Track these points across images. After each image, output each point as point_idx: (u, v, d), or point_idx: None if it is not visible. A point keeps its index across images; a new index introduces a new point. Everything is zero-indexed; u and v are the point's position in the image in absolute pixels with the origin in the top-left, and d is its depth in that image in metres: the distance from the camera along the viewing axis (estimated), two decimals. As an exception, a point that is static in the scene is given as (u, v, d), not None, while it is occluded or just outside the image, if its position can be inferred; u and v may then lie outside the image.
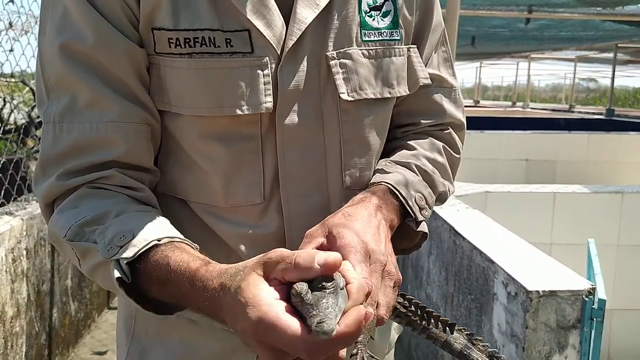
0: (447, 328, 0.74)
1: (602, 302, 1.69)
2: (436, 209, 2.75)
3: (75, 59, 0.74)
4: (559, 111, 13.65)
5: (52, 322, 3.01)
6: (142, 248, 0.67)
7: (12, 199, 2.92)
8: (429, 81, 0.90)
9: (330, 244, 0.70)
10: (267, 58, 0.77)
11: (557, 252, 3.31)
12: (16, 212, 2.77)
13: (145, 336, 0.88)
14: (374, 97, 0.83)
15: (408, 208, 0.81)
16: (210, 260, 0.67)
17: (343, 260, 0.63)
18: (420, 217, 0.82)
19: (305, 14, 0.78)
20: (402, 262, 3.45)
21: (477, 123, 9.00)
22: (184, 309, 0.71)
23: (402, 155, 0.89)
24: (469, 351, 0.74)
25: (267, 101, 0.77)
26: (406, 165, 0.87)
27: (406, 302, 0.76)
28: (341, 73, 0.80)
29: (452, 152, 0.96)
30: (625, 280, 3.42)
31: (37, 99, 0.80)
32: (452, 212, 2.69)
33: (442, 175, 0.92)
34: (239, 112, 0.76)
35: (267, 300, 0.56)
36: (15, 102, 6.92)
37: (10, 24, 2.65)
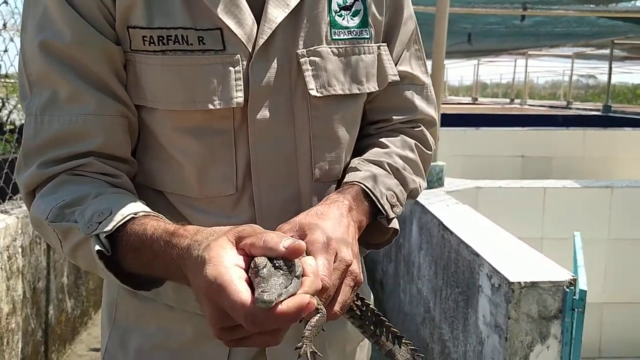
0: (395, 340, 0.78)
1: (582, 293, 1.73)
2: (426, 204, 2.79)
3: (55, 56, 0.78)
4: (557, 108, 13.68)
5: (49, 319, 3.04)
6: (120, 221, 0.71)
7: (8, 197, 2.96)
8: (397, 78, 0.93)
9: (300, 239, 0.73)
10: (238, 55, 0.80)
11: (548, 246, 3.35)
12: (12, 210, 2.80)
13: (126, 322, 0.91)
14: (342, 93, 0.86)
15: (380, 206, 0.84)
16: (186, 223, 0.71)
17: (309, 255, 0.67)
18: (391, 214, 0.86)
19: (276, 14, 0.81)
20: (395, 257, 3.48)
21: (473, 120, 9.03)
22: (157, 281, 0.75)
23: (374, 153, 0.92)
24: None
25: (238, 96, 0.80)
26: (378, 164, 0.90)
27: (363, 306, 0.79)
28: (310, 70, 0.83)
29: (423, 148, 0.99)
30: (615, 274, 3.46)
31: (19, 93, 0.83)
32: (442, 207, 2.72)
33: (414, 171, 0.95)
34: (211, 106, 0.79)
35: (226, 263, 0.60)
36: (12, 102, 6.94)
37: (5, 24, 2.68)
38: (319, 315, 0.64)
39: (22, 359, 2.71)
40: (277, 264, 0.59)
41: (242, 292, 0.58)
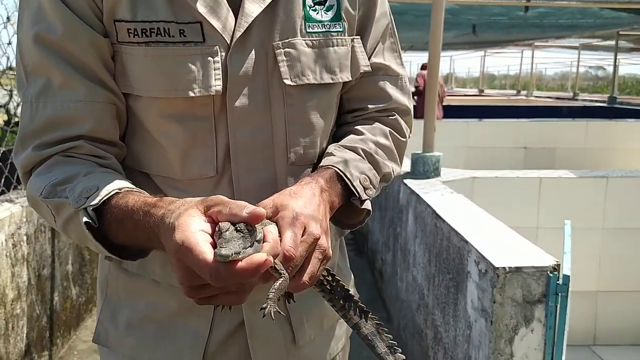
0: (362, 314, 0.83)
1: (566, 278, 1.77)
2: (422, 194, 2.84)
3: (48, 48, 0.84)
4: (563, 99, 13.64)
5: (53, 305, 3.12)
6: (105, 196, 0.78)
7: (13, 187, 3.03)
8: (369, 69, 0.99)
9: (273, 215, 0.79)
10: (217, 47, 0.86)
11: (543, 236, 3.39)
12: (16, 199, 2.87)
13: (117, 297, 0.99)
14: (315, 82, 0.92)
15: (352, 188, 0.90)
16: (163, 196, 0.78)
17: (280, 229, 0.73)
18: (364, 196, 0.92)
19: (252, 9, 0.87)
20: (392, 246, 3.53)
21: (477, 112, 9.05)
22: (141, 251, 0.82)
23: (350, 140, 0.98)
24: (373, 337, 0.83)
25: (217, 84, 0.86)
26: (353, 149, 0.95)
27: (333, 282, 0.84)
28: (285, 61, 0.89)
29: (398, 136, 1.05)
30: (610, 263, 3.49)
31: (17, 82, 0.90)
32: (437, 197, 2.77)
33: (388, 157, 1.01)
34: (191, 94, 0.85)
35: (193, 228, 0.66)
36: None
37: (8, 17, 2.74)
38: (281, 279, 0.69)
39: (27, 344, 2.79)
40: (238, 228, 0.65)
41: (206, 252, 0.64)
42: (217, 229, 0.66)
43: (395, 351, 0.82)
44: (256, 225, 0.67)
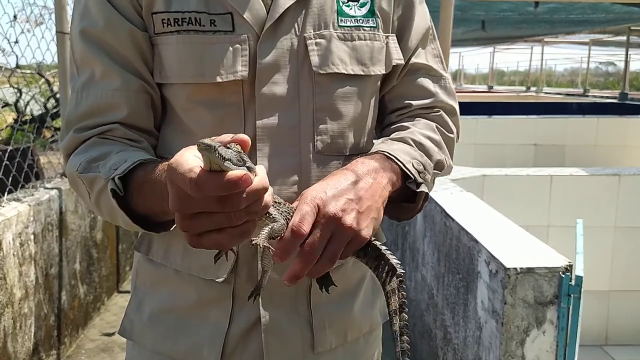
0: (390, 272, 0.82)
1: (579, 279, 1.74)
2: (431, 192, 2.80)
3: (91, 41, 0.92)
4: (573, 95, 13.54)
5: (61, 304, 3.12)
6: (130, 165, 0.82)
7: (20, 186, 3.03)
8: (402, 62, 1.00)
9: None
10: (245, 35, 0.90)
11: (555, 234, 3.35)
12: (24, 198, 2.87)
13: (144, 287, 1.02)
14: (345, 72, 0.94)
15: (407, 170, 0.89)
16: None
17: (297, 208, 0.76)
18: (419, 179, 0.90)
19: (284, 1, 0.91)
20: (401, 245, 3.51)
21: (487, 108, 8.98)
22: (162, 223, 0.85)
23: (397, 134, 0.99)
24: (391, 296, 0.81)
25: (243, 70, 0.89)
26: (402, 140, 0.96)
27: (369, 247, 0.82)
28: (316, 50, 0.92)
29: (445, 131, 1.03)
30: (623, 262, 3.45)
31: (69, 75, 1.01)
32: (446, 195, 2.74)
33: (439, 148, 1.00)
34: (219, 79, 0.89)
35: (186, 154, 0.66)
36: (31, 93, 7.04)
37: (15, 16, 2.73)
38: (276, 223, 0.72)
39: (35, 343, 2.79)
40: (229, 146, 0.64)
41: (192, 164, 0.64)
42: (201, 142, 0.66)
43: (402, 311, 0.81)
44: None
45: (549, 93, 15.34)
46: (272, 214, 0.73)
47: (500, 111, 8.29)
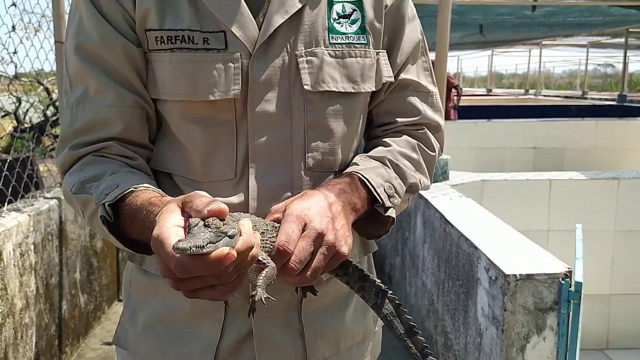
0: (381, 294, 0.84)
1: (578, 285, 1.74)
2: (430, 198, 2.81)
3: (86, 57, 0.92)
4: (572, 98, 13.56)
5: (62, 313, 3.12)
6: (120, 193, 0.82)
7: (20, 196, 3.03)
8: (392, 79, 1.00)
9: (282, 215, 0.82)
10: (238, 54, 0.90)
11: (554, 239, 3.36)
12: (24, 208, 2.87)
13: (137, 298, 1.02)
14: (336, 90, 0.94)
15: (376, 195, 0.91)
16: (165, 195, 0.83)
17: (280, 226, 0.78)
18: (387, 203, 0.92)
19: (276, 19, 0.91)
20: (401, 250, 3.51)
21: (486, 112, 8.99)
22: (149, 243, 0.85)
23: (377, 151, 1.00)
24: (392, 319, 0.83)
25: (235, 88, 0.90)
26: (379, 159, 0.97)
27: (346, 265, 0.85)
28: (307, 68, 0.92)
29: (426, 149, 1.05)
30: (623, 266, 3.45)
31: (63, 90, 0.98)
32: (445, 201, 2.74)
33: (416, 168, 1.01)
34: (211, 97, 0.89)
35: (168, 224, 0.69)
36: (30, 101, 7.03)
37: (14, 27, 2.75)
38: (268, 268, 0.73)
39: (37, 352, 2.78)
40: (207, 223, 0.66)
41: (174, 240, 0.66)
42: (187, 224, 0.68)
43: (415, 334, 0.81)
44: (231, 222, 0.68)
45: (548, 96, 15.36)
46: (261, 260, 0.74)
47: (499, 114, 8.30)
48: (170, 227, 0.68)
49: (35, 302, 2.78)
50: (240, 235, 0.68)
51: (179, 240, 0.64)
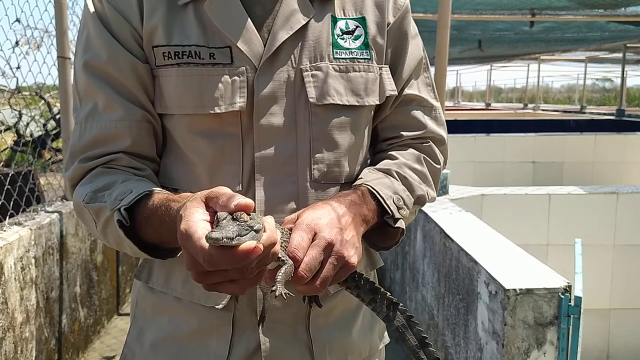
0: (392, 306, 0.85)
1: (578, 300, 1.75)
2: (430, 212, 2.82)
3: (95, 73, 0.94)
4: (570, 112, 13.60)
5: (62, 327, 3.12)
6: (136, 197, 0.84)
7: (21, 209, 3.04)
8: (395, 93, 1.03)
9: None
10: (243, 68, 0.92)
11: (554, 253, 3.36)
12: (25, 222, 2.88)
13: (143, 317, 1.03)
14: (340, 103, 0.96)
15: (386, 206, 0.93)
16: (182, 192, 0.85)
17: (293, 233, 0.79)
18: (397, 215, 0.94)
19: (281, 35, 0.94)
20: (401, 265, 3.51)
21: (485, 126, 9.02)
22: (169, 250, 0.87)
23: (384, 164, 1.02)
24: (404, 330, 0.84)
25: (240, 101, 0.92)
26: (387, 172, 0.99)
27: (357, 277, 0.86)
28: (312, 82, 0.95)
29: (432, 162, 1.07)
30: (622, 280, 3.45)
31: (73, 106, 1.01)
32: (445, 215, 2.76)
33: (422, 181, 1.04)
34: (217, 110, 0.92)
35: (195, 218, 0.70)
36: (31, 114, 7.06)
37: (17, 42, 2.77)
38: (286, 266, 0.75)
39: (36, 367, 2.78)
40: (235, 217, 0.68)
41: (203, 238, 0.67)
42: (215, 218, 0.69)
43: (427, 345, 0.82)
44: (256, 217, 0.70)
45: (547, 110, 15.42)
46: (280, 257, 0.75)
47: (498, 129, 8.33)
48: (198, 221, 0.70)
49: (35, 316, 2.78)
50: (264, 231, 0.69)
51: (211, 231, 0.66)
